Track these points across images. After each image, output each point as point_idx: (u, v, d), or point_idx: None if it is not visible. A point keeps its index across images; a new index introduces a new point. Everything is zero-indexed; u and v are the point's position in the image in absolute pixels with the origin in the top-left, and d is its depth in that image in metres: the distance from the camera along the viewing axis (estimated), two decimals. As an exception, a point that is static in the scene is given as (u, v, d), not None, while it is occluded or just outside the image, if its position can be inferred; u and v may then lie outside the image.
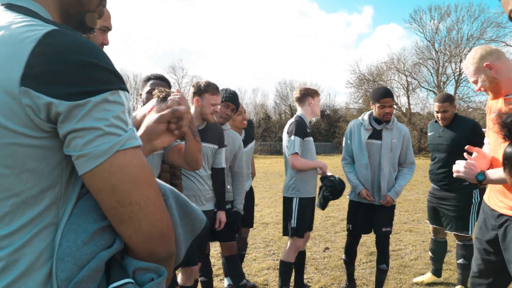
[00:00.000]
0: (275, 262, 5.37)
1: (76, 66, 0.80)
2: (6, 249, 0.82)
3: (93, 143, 0.80)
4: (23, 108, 0.78)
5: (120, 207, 0.84)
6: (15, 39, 0.80)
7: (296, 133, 3.94)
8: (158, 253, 0.90)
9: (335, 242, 6.41)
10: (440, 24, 40.39)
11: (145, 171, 0.87)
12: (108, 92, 0.83)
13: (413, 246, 6.15)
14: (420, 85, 41.34)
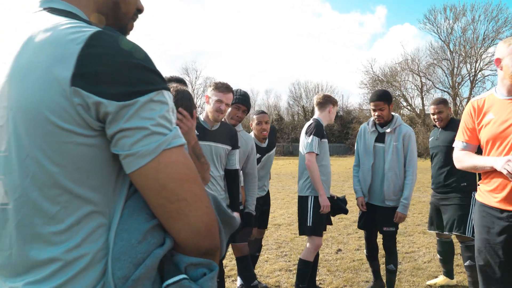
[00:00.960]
0: (287, 263, 5.37)
1: (123, 67, 0.83)
2: (62, 246, 0.85)
3: (140, 142, 0.83)
4: (75, 107, 0.81)
5: (168, 203, 0.87)
6: (63, 40, 0.82)
7: (315, 133, 4.06)
8: (205, 247, 0.92)
9: (347, 244, 6.39)
10: (455, 25, 40.00)
11: (190, 169, 0.90)
12: (154, 92, 0.85)
13: (426, 248, 6.10)
14: (435, 86, 40.99)
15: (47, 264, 0.85)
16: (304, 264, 4.08)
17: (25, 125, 0.82)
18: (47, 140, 0.82)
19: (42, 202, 0.84)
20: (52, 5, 0.95)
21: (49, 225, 0.84)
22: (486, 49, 38.51)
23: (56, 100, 0.80)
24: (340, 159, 34.01)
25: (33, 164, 0.83)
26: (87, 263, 0.86)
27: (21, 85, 0.83)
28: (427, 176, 17.09)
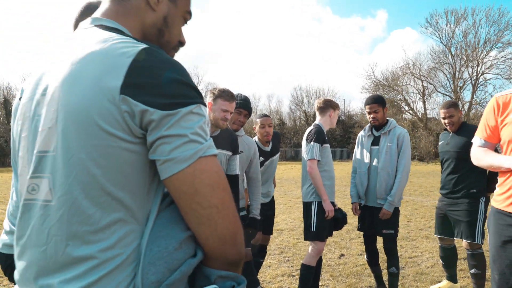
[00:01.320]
0: (290, 268, 5.36)
1: (168, 81, 0.90)
2: (97, 245, 0.90)
3: (179, 149, 0.89)
4: (122, 114, 0.88)
5: (200, 209, 0.91)
6: (115, 52, 0.91)
7: (316, 140, 4.11)
8: (231, 256, 0.96)
9: (350, 248, 6.37)
10: (456, 28, 40.02)
11: (222, 177, 0.95)
12: (194, 105, 0.93)
13: (429, 253, 6.07)
14: (436, 90, 40.93)
15: (82, 262, 0.89)
16: (307, 269, 4.08)
17: (73, 128, 0.89)
18: (93, 143, 0.88)
19: (83, 201, 0.89)
20: (103, 23, 1.05)
21: (86, 224, 0.90)
22: (488, 53, 38.54)
23: (105, 106, 0.87)
24: (342, 163, 33.99)
25: (78, 164, 0.89)
26: (118, 264, 0.90)
27: (72, 90, 0.90)
28: (430, 181, 17.09)
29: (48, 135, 0.92)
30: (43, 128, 0.94)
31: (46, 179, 0.93)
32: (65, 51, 1.00)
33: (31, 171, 0.96)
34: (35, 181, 0.95)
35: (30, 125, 0.99)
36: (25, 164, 1.00)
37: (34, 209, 0.95)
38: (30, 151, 0.98)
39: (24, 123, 1.02)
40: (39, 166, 0.95)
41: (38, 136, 0.95)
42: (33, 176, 0.96)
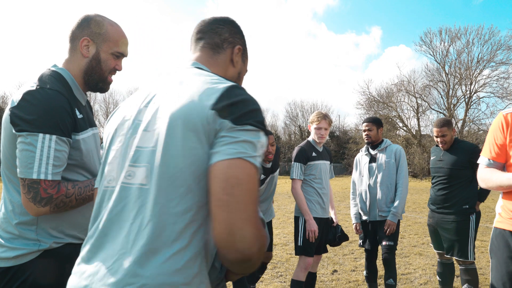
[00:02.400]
0: (282, 284, 5.32)
1: (246, 106, 1.14)
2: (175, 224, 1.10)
3: (230, 146, 1.09)
4: (209, 125, 1.11)
5: (222, 193, 1.05)
6: (211, 82, 1.20)
7: (296, 159, 4.28)
8: (233, 249, 1.05)
9: (343, 264, 6.34)
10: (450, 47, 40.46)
11: (252, 181, 1.09)
12: (260, 129, 1.15)
13: (422, 270, 6.05)
14: (430, 107, 41.21)
15: (167, 235, 1.09)
16: (296, 284, 4.09)
17: (172, 131, 1.13)
18: (185, 143, 1.11)
19: (168, 188, 1.11)
20: (200, 67, 1.40)
21: (168, 206, 1.10)
22: (481, 72, 38.92)
23: (198, 118, 1.11)
24: (337, 179, 33.98)
25: (171, 158, 1.12)
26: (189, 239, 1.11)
27: (175, 105, 1.16)
28: (423, 197, 17.09)
29: (152, 135, 1.17)
30: (148, 130, 1.19)
31: (144, 168, 1.15)
32: (171, 79, 1.31)
33: (129, 160, 1.19)
34: (133, 169, 1.17)
35: (130, 126, 1.25)
36: (118, 155, 1.24)
37: (129, 191, 1.16)
38: (128, 146, 1.22)
39: (123, 124, 1.28)
40: (138, 157, 1.17)
41: (139, 135, 1.20)
42: (131, 165, 1.18)
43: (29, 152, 1.65)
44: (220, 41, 1.48)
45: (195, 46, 1.49)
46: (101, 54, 1.94)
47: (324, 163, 4.34)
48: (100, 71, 1.97)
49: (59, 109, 1.72)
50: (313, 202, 4.20)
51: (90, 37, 1.91)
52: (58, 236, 1.80)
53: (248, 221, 1.05)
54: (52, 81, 1.79)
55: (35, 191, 1.66)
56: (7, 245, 1.75)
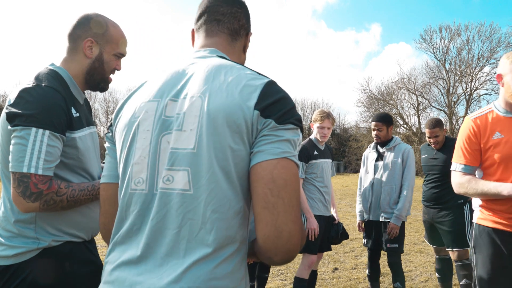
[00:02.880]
0: (283, 282, 5.32)
1: (286, 105, 1.12)
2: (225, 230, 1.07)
3: (273, 144, 1.07)
4: (252, 125, 1.08)
5: (270, 195, 1.04)
6: (248, 78, 1.15)
7: (298, 158, 4.12)
8: (281, 253, 1.06)
9: (344, 262, 6.34)
10: (450, 44, 40.40)
11: (296, 181, 1.09)
12: (298, 127, 1.13)
13: (423, 267, 6.05)
14: (431, 104, 41.16)
15: (211, 244, 1.06)
16: (299, 282, 4.09)
17: (214, 131, 1.07)
18: (229, 144, 1.07)
19: (218, 193, 1.07)
20: (221, 55, 1.31)
21: (217, 212, 1.07)
22: (481, 69, 38.87)
23: (242, 118, 1.07)
24: (337, 177, 33.96)
25: (216, 161, 1.07)
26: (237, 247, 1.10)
27: (212, 101, 1.09)
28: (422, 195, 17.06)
29: (190, 135, 1.09)
30: (183, 129, 1.10)
31: (185, 172, 1.08)
32: (195, 70, 1.21)
33: (165, 163, 1.11)
34: (171, 173, 1.10)
35: (156, 122, 1.16)
36: (145, 154, 1.15)
37: (169, 196, 1.09)
38: (158, 145, 1.14)
39: (146, 119, 1.17)
40: (175, 160, 1.10)
41: (173, 135, 1.11)
42: (169, 169, 1.10)
43: (21, 146, 1.64)
44: (239, 27, 1.40)
45: (210, 27, 1.38)
46: (104, 55, 1.97)
47: (325, 161, 4.34)
48: (103, 72, 1.99)
49: (54, 106, 1.72)
50: (315, 200, 4.21)
51: (94, 38, 1.92)
52: (57, 234, 1.80)
53: (295, 222, 1.05)
54: (48, 79, 1.79)
55: (25, 185, 1.64)
56: (7, 243, 1.75)
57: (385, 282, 5.32)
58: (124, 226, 1.16)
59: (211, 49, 1.33)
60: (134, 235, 1.13)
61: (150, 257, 1.09)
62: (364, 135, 41.09)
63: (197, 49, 1.36)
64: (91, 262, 1.94)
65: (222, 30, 1.37)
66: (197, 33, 1.41)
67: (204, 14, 1.39)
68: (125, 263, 1.12)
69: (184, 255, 1.05)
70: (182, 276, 1.03)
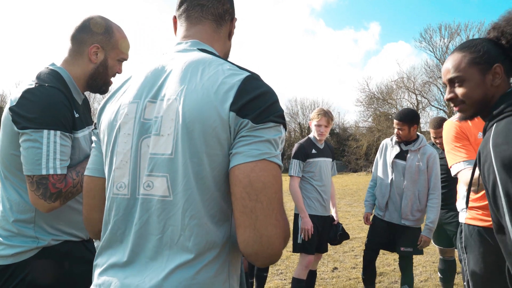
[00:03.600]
0: (283, 281, 5.32)
1: (264, 101, 1.07)
2: (205, 235, 1.06)
3: (251, 146, 1.03)
4: (229, 127, 1.05)
5: (247, 199, 1.01)
6: (225, 75, 1.09)
7: (294, 156, 4.21)
8: (261, 258, 1.03)
9: (343, 262, 6.34)
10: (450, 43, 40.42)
11: (277, 183, 1.05)
12: (280, 124, 1.09)
13: (423, 267, 6.06)
14: (430, 104, 41.27)
15: (192, 249, 1.05)
16: (297, 282, 4.08)
17: (189, 137, 1.05)
18: (206, 149, 1.05)
19: (195, 197, 1.05)
20: (204, 48, 1.25)
21: (196, 217, 1.05)
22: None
23: (217, 120, 1.04)
24: (336, 176, 33.97)
25: (193, 166, 1.05)
26: (217, 252, 1.08)
27: (188, 104, 1.06)
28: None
29: (167, 140, 1.07)
30: (161, 133, 1.08)
31: (163, 178, 1.07)
32: (173, 67, 1.16)
33: (145, 169, 1.09)
34: (151, 179, 1.08)
35: (135, 125, 1.13)
36: (127, 159, 1.13)
37: (150, 202, 1.08)
38: (138, 149, 1.12)
39: (127, 122, 1.15)
40: (154, 166, 1.08)
41: (152, 140, 1.09)
42: (149, 175, 1.09)
43: (36, 149, 1.65)
44: (223, 12, 1.32)
45: (193, 13, 1.30)
46: (109, 61, 1.98)
47: (324, 160, 4.30)
48: (106, 76, 2.01)
49: (59, 105, 1.73)
50: (312, 200, 4.17)
51: (100, 44, 1.93)
52: (56, 233, 1.80)
53: (275, 225, 1.02)
54: (50, 79, 1.79)
55: (44, 187, 1.66)
56: (6, 242, 1.75)
57: (384, 282, 5.32)
58: (107, 230, 1.16)
59: (193, 41, 1.26)
60: (119, 240, 1.14)
61: (135, 262, 1.09)
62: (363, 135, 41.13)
63: (178, 40, 1.30)
64: (90, 261, 1.93)
65: (205, 16, 1.29)
66: (179, 20, 1.33)
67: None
68: (112, 266, 1.13)
69: (167, 260, 1.05)
70: (164, 281, 1.03)
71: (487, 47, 1.74)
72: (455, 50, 1.84)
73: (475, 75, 1.75)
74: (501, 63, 1.72)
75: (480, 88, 1.74)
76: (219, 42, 1.32)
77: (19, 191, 1.77)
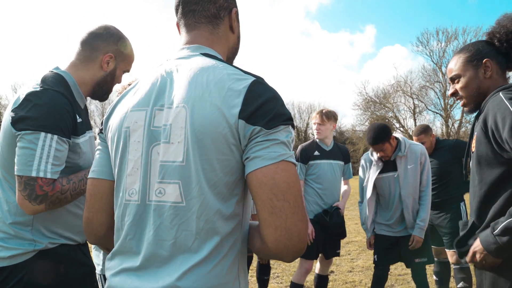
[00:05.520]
0: (279, 285, 5.32)
1: (273, 106, 1.09)
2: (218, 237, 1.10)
3: (269, 149, 1.06)
4: (238, 134, 1.07)
5: (275, 200, 1.04)
6: (230, 80, 1.11)
7: (295, 159, 4.02)
8: (292, 252, 1.07)
9: (340, 265, 6.34)
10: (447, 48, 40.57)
11: (298, 181, 1.09)
12: (289, 125, 1.12)
13: (419, 270, 6.05)
14: (427, 108, 41.34)
15: (206, 250, 1.09)
16: (295, 287, 4.06)
17: (199, 144, 1.07)
18: (217, 156, 1.07)
19: (209, 203, 1.08)
20: (206, 52, 1.26)
21: (211, 222, 1.09)
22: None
23: (227, 127, 1.06)
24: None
25: (205, 173, 1.07)
26: (228, 249, 1.12)
27: (197, 112, 1.08)
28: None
29: (178, 148, 1.09)
30: (171, 141, 1.11)
31: (175, 185, 1.10)
32: (178, 74, 1.19)
33: (156, 176, 1.12)
34: (162, 186, 1.11)
35: (145, 133, 1.16)
36: (138, 166, 1.16)
37: (162, 209, 1.11)
38: (148, 157, 1.14)
39: (136, 129, 1.17)
40: (166, 173, 1.11)
41: (161, 147, 1.12)
42: (160, 181, 1.11)
43: (30, 150, 1.65)
44: (217, 11, 1.30)
45: (187, 21, 1.31)
46: (117, 71, 2.05)
47: (330, 162, 4.22)
48: (111, 85, 2.07)
49: (61, 110, 1.73)
50: (311, 203, 4.14)
51: (114, 54, 1.99)
52: (53, 237, 1.81)
53: (302, 221, 1.07)
54: (55, 83, 1.81)
55: (31, 188, 1.66)
56: (2, 244, 1.76)
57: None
58: (121, 236, 1.19)
59: (194, 46, 1.28)
60: (130, 245, 1.16)
61: (149, 266, 1.12)
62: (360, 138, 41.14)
63: (180, 46, 1.31)
64: (85, 264, 1.95)
65: (199, 21, 1.29)
66: (179, 26, 1.35)
67: (179, 6, 1.32)
68: (125, 270, 1.16)
69: (180, 263, 1.09)
70: (178, 281, 1.07)
71: (478, 46, 2.04)
72: (455, 53, 2.11)
73: (469, 71, 2.03)
74: (492, 58, 1.98)
75: (474, 81, 2.00)
76: (220, 43, 1.32)
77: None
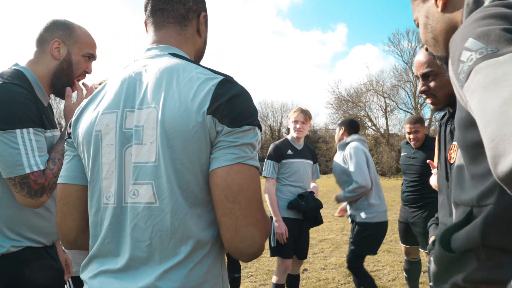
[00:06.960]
0: (253, 284, 5.31)
1: (238, 105, 1.09)
2: (193, 238, 1.09)
3: (227, 150, 1.07)
4: (208, 131, 1.07)
5: (226, 201, 1.05)
6: (200, 79, 1.11)
7: (268, 157, 4.17)
8: (244, 253, 1.09)
9: (313, 263, 6.38)
10: (417, 48, 41.32)
11: (254, 183, 1.09)
12: (255, 126, 1.11)
13: (391, 267, 6.15)
14: (398, 106, 42.07)
15: (183, 251, 1.08)
16: (276, 287, 4.05)
17: (170, 144, 1.07)
18: (188, 155, 1.07)
19: (182, 202, 1.08)
20: (174, 52, 1.25)
21: (184, 220, 1.08)
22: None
23: (196, 125, 1.06)
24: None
25: (176, 172, 1.07)
26: (209, 248, 1.12)
27: (167, 112, 1.08)
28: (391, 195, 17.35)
29: (150, 149, 1.09)
30: (143, 142, 1.10)
31: (148, 185, 1.09)
32: (147, 75, 1.18)
33: (130, 178, 1.11)
34: (136, 187, 1.10)
35: (117, 135, 1.14)
36: (112, 169, 1.14)
37: (136, 210, 1.10)
38: (121, 159, 1.13)
39: (108, 132, 1.16)
40: (139, 174, 1.10)
41: (133, 149, 1.11)
42: (134, 183, 1.10)
43: (14, 150, 1.62)
44: (185, 12, 1.30)
45: (155, 19, 1.29)
46: (73, 56, 1.93)
47: (302, 162, 4.22)
48: (70, 74, 1.95)
49: (25, 102, 1.69)
50: (284, 199, 4.11)
51: (61, 39, 1.89)
52: (17, 239, 1.74)
53: (255, 224, 1.07)
54: (14, 78, 1.75)
55: (27, 186, 1.63)
56: None
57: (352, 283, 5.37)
58: (98, 240, 1.17)
59: (162, 46, 1.27)
60: (108, 248, 1.15)
61: (128, 268, 1.11)
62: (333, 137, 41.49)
63: (148, 46, 1.30)
64: (52, 268, 1.88)
65: (167, 20, 1.29)
66: (148, 25, 1.33)
67: (149, 4, 1.31)
68: (104, 272, 1.14)
69: (159, 263, 1.08)
70: (158, 281, 1.06)
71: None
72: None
73: (447, 70, 1.82)
74: None
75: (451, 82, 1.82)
76: (187, 44, 1.31)
77: None
